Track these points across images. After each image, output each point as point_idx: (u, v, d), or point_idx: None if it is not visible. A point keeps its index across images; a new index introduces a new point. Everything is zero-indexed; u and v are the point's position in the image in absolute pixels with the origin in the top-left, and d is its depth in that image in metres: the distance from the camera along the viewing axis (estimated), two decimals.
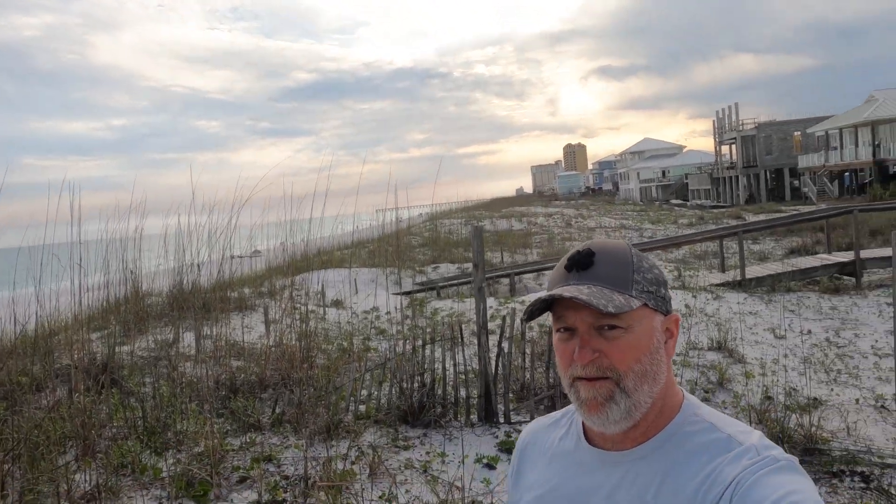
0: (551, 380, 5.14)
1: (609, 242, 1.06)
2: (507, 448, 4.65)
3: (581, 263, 1.01)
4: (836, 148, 45.62)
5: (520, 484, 1.17)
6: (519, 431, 4.99)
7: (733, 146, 56.77)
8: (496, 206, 56.81)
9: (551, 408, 5.16)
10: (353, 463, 4.37)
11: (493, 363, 5.09)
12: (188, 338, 9.05)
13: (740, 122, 55.22)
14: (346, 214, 13.94)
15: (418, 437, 4.84)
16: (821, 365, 7.96)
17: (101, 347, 7.54)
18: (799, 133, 52.72)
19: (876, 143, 40.51)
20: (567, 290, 0.98)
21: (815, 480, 4.44)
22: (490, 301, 13.09)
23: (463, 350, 5.46)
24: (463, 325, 10.57)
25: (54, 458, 4.40)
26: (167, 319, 10.39)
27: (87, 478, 4.04)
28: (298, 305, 12.78)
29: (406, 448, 4.65)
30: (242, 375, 6.14)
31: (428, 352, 5.31)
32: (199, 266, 12.11)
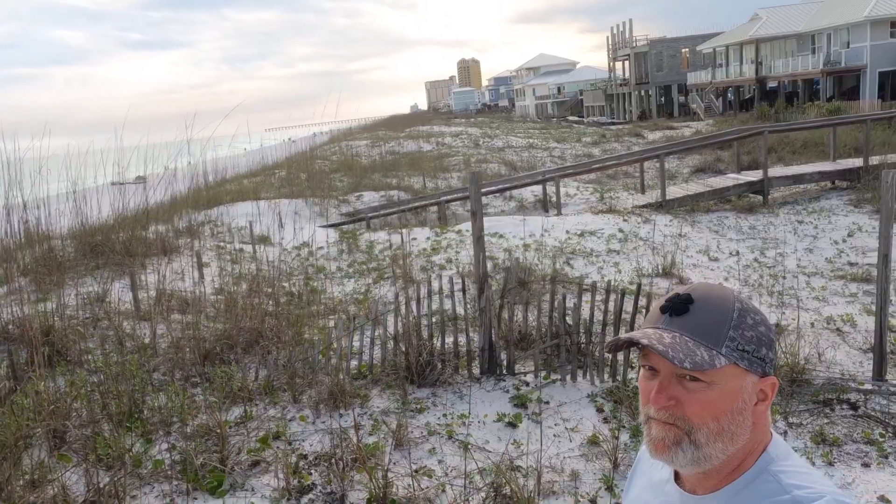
0: (554, 329, 5.04)
1: (714, 290, 1.01)
2: (522, 403, 4.55)
3: (676, 308, 0.99)
4: (721, 65, 47.70)
5: (629, 493, 1.23)
6: (526, 383, 4.90)
7: (626, 63, 58.00)
8: (394, 124, 55.60)
9: (554, 356, 5.09)
10: (370, 433, 4.12)
11: (497, 315, 4.91)
12: (114, 290, 8.24)
13: (634, 39, 56.27)
14: (236, 135, 12.93)
15: (428, 398, 4.64)
16: (763, 288, 8.41)
17: (24, 309, 6.68)
18: (687, 50, 54.53)
19: (759, 60, 42.66)
20: (649, 336, 0.97)
21: (810, 412, 4.68)
22: (425, 231, 12.85)
23: (463, 298, 5.23)
24: (409, 260, 10.34)
25: (22, 455, 3.85)
26: (83, 268, 9.40)
27: (83, 479, 3.55)
28: (223, 244, 12.01)
29: (420, 411, 4.44)
30: (212, 336, 5.62)
31: (425, 307, 5.03)
32: (99, 203, 10.99)
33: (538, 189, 16.40)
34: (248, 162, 25.03)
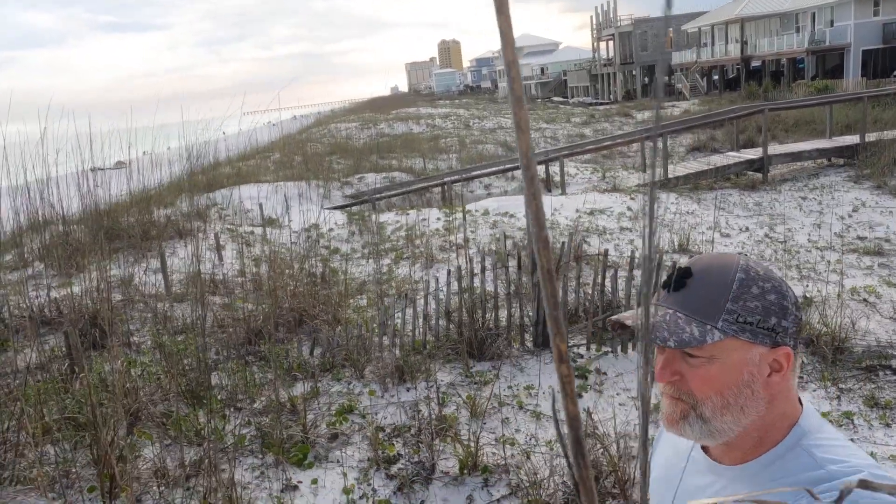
0: (605, 302, 5.15)
1: (717, 260, 0.98)
2: (581, 374, 4.66)
3: (675, 283, 0.98)
4: (706, 45, 47.94)
5: (655, 455, 1.23)
6: (580, 356, 5.01)
7: (611, 42, 58.03)
8: (378, 106, 55.13)
9: (603, 329, 5.20)
10: (441, 404, 4.21)
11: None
12: (137, 273, 8.21)
13: (618, 19, 56.29)
14: (214, 119, 12.80)
15: (489, 371, 4.73)
16: (780, 262, 8.59)
17: (53, 293, 6.65)
18: (671, 29, 54.67)
19: (743, 40, 42.94)
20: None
21: (856, 378, 4.84)
22: (433, 212, 12.89)
23: (519, 273, 5.31)
24: (425, 239, 10.38)
25: (106, 435, 3.88)
26: (100, 252, 9.31)
27: (168, 454, 3.60)
28: (233, 227, 11.96)
29: (485, 384, 4.53)
30: (260, 316, 5.66)
31: (477, 282, 5.11)
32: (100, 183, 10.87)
33: (540, 169, 16.47)
34: (234, 145, 24.67)
